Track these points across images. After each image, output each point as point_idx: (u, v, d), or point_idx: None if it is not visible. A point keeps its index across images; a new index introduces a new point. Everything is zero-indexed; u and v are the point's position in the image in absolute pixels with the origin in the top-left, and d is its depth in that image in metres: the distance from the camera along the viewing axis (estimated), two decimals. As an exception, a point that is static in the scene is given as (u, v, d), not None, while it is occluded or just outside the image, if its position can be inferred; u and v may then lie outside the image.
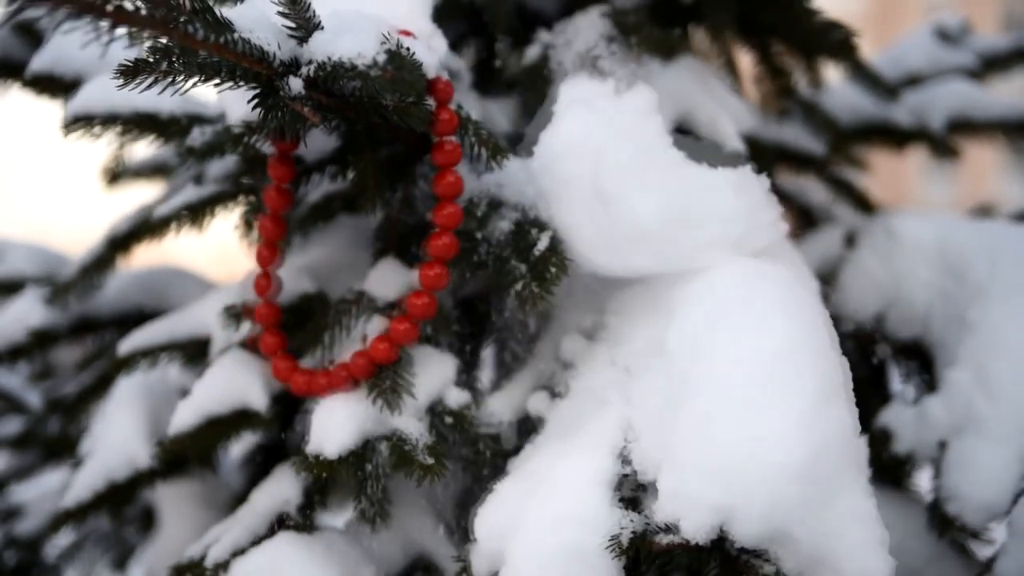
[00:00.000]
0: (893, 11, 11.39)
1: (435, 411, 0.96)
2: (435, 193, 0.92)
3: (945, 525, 1.07)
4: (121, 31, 0.70)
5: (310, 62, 0.80)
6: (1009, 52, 1.59)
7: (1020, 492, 1.03)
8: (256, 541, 0.96)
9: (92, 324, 1.42)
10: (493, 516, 0.86)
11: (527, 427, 0.99)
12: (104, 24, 0.69)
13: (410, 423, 0.94)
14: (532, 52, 1.19)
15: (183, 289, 1.44)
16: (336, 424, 0.93)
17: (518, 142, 1.08)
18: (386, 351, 0.93)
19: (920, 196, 12.14)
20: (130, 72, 0.73)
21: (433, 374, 0.97)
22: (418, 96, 0.83)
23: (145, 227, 1.12)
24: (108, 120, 1.00)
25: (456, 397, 0.97)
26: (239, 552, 0.95)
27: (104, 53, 0.69)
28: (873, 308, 1.28)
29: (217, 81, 0.77)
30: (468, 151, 0.92)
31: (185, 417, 1.03)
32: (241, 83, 0.78)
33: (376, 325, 0.98)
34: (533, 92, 1.18)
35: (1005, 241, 1.20)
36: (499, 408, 1.00)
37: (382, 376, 0.94)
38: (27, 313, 1.37)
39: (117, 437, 1.17)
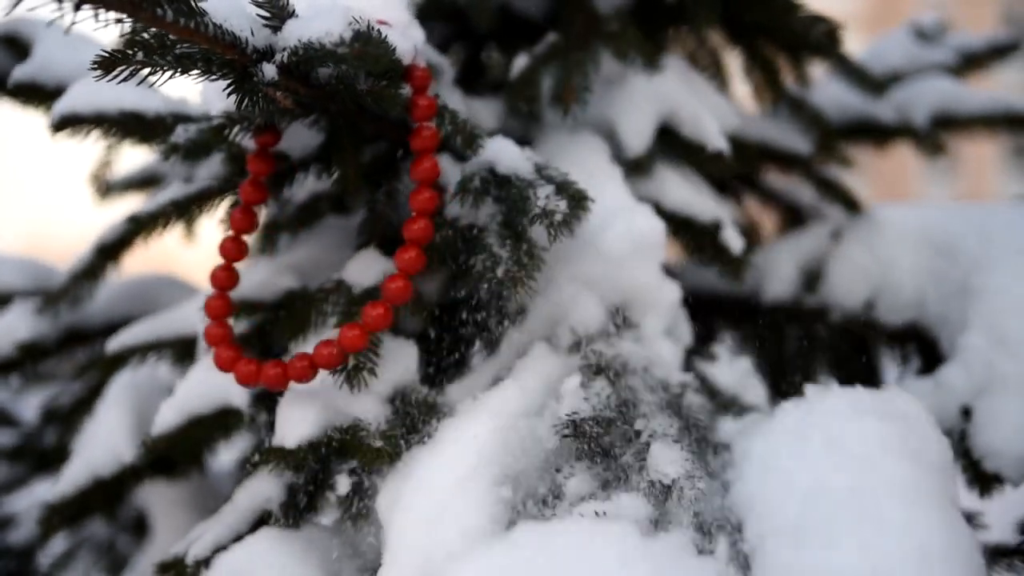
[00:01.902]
0: (891, 11, 11.40)
1: (402, 398, 0.96)
2: (412, 178, 0.92)
3: (986, 482, 1.07)
4: (86, 11, 0.70)
5: (284, 49, 0.80)
6: (985, 50, 1.60)
7: None
8: (238, 538, 0.96)
9: (82, 335, 1.42)
10: (392, 488, 0.87)
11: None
12: (68, 4, 0.69)
13: (372, 410, 0.94)
14: (519, 63, 1.20)
15: (173, 298, 1.44)
16: (298, 415, 0.93)
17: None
18: (357, 339, 0.91)
19: (920, 196, 12.14)
20: (107, 64, 0.74)
21: (397, 362, 0.97)
22: (390, 78, 0.83)
23: (134, 227, 1.12)
24: (95, 120, 1.01)
25: (419, 385, 0.98)
26: (220, 549, 0.95)
27: (68, 31, 0.69)
28: (862, 297, 1.29)
29: (194, 72, 0.78)
30: (447, 139, 0.93)
31: (168, 417, 1.03)
32: (217, 73, 0.79)
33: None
34: (519, 103, 1.19)
35: (990, 218, 1.23)
36: (458, 397, 1.00)
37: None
38: (15, 326, 1.37)
39: (103, 434, 1.17)
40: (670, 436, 0.89)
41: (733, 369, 1.10)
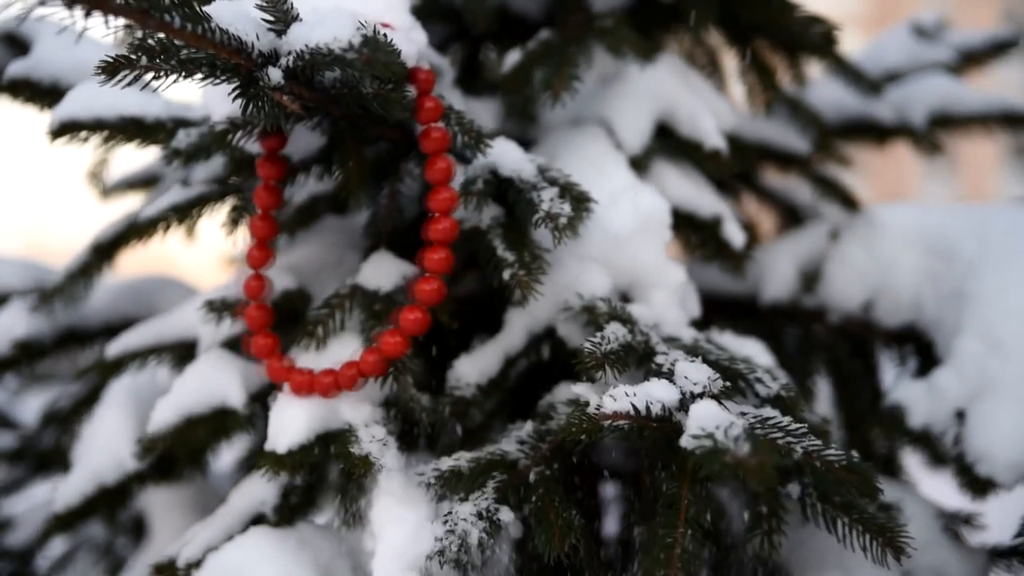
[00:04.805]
0: (892, 11, 11.41)
1: (396, 402, 0.97)
2: (428, 179, 0.92)
3: (979, 487, 1.07)
4: (95, 19, 0.70)
5: (289, 53, 0.80)
6: (984, 47, 1.60)
7: None
8: (231, 539, 0.96)
9: (80, 335, 1.42)
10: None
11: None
12: (79, 11, 0.69)
13: (365, 415, 0.94)
14: (512, 58, 1.20)
15: (172, 298, 1.44)
16: (289, 420, 0.93)
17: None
18: (398, 345, 0.93)
19: (919, 195, 12.17)
20: (110, 69, 0.73)
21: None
22: (396, 81, 0.83)
23: (132, 229, 1.12)
24: (94, 126, 1.00)
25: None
26: (212, 549, 0.95)
27: (78, 39, 0.69)
28: (860, 298, 1.29)
29: (199, 76, 0.78)
30: (452, 140, 0.93)
31: (165, 415, 1.03)
32: (222, 77, 0.79)
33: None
34: (514, 99, 1.19)
35: (989, 219, 1.22)
36: (466, 372, 1.01)
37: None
38: (12, 325, 1.36)
39: (106, 441, 1.17)
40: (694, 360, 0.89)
41: (736, 339, 1.11)
